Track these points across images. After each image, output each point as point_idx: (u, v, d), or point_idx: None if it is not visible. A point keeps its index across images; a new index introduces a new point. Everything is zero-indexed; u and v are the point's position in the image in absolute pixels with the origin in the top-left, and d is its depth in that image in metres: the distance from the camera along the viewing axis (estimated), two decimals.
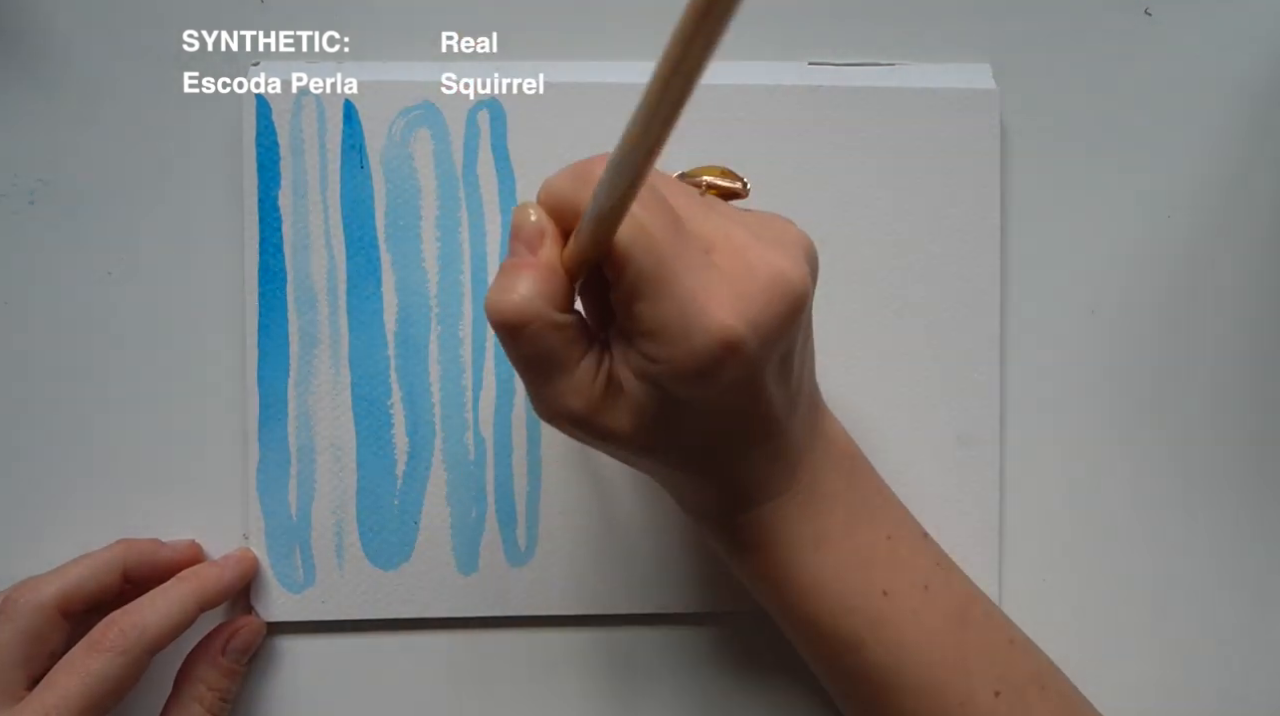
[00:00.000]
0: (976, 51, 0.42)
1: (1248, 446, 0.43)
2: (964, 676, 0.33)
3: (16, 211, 0.40)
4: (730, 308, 0.27)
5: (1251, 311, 0.43)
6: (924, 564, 0.34)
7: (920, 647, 0.32)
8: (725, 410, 0.29)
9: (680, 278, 0.27)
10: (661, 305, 0.27)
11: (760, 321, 0.27)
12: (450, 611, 0.40)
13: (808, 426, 0.32)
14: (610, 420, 0.29)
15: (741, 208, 0.31)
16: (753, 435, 0.30)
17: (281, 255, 0.40)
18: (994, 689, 0.33)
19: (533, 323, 0.27)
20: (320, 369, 0.40)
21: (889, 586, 0.33)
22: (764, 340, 0.27)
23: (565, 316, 0.28)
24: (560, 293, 0.28)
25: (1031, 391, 0.42)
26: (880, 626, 0.32)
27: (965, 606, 0.34)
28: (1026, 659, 0.34)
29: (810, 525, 0.32)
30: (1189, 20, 0.42)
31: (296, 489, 0.40)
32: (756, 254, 0.28)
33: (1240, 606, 0.43)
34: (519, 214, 0.28)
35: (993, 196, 0.41)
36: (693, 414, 0.29)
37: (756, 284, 0.27)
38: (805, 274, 0.28)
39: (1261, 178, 0.43)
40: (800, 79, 0.41)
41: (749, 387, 0.29)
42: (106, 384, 0.40)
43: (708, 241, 0.28)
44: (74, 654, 0.35)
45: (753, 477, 0.31)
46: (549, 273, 0.28)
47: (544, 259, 0.28)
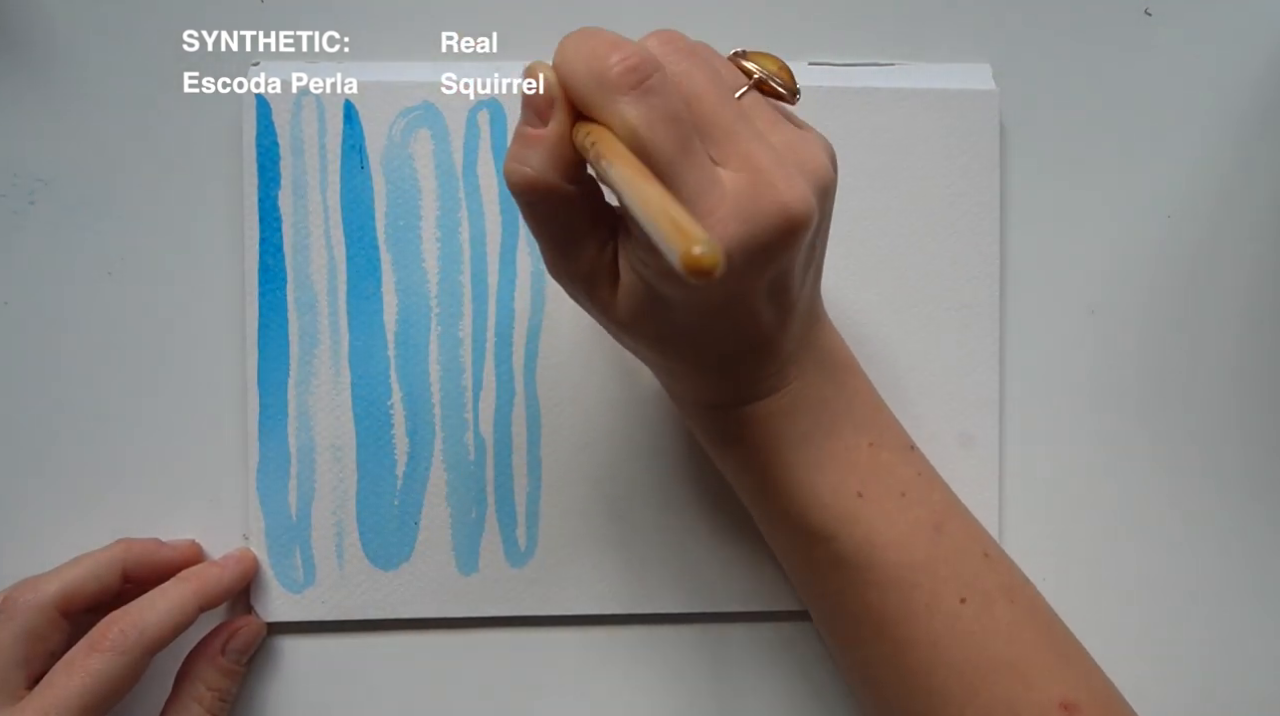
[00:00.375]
0: (976, 52, 0.42)
1: (1248, 446, 0.43)
2: (932, 579, 0.33)
3: (16, 211, 0.40)
4: (726, 227, 0.27)
5: (1251, 311, 0.43)
6: (905, 473, 0.34)
7: (890, 547, 0.33)
8: (713, 317, 0.30)
9: (680, 197, 0.27)
10: None
11: (749, 246, 0.27)
12: (450, 611, 0.40)
13: (803, 336, 0.33)
14: (608, 295, 0.30)
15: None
16: (741, 342, 0.31)
17: (282, 255, 0.40)
18: (960, 595, 0.33)
19: (545, 193, 0.28)
20: (320, 369, 0.40)
21: (864, 489, 0.33)
22: (752, 262, 0.28)
23: (576, 187, 0.29)
24: (571, 164, 0.28)
25: (1031, 391, 0.42)
26: (852, 523, 0.33)
27: (942, 516, 0.34)
28: (999, 571, 0.35)
29: (794, 426, 0.33)
30: (1189, 20, 0.42)
31: (296, 489, 0.40)
32: (765, 180, 0.28)
33: (1241, 606, 0.43)
34: (529, 75, 0.28)
35: (992, 196, 0.41)
36: (682, 313, 0.30)
37: (756, 210, 0.27)
38: (810, 206, 0.28)
39: (1261, 178, 0.43)
40: (800, 79, 0.40)
41: (737, 301, 0.29)
42: (106, 384, 0.40)
43: (724, 151, 0.28)
44: (74, 653, 0.35)
45: (740, 378, 0.32)
46: (558, 146, 0.28)
47: (553, 131, 0.28)
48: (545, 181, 0.28)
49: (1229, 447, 0.43)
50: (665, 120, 0.27)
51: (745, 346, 0.31)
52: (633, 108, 0.26)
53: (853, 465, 0.33)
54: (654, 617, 0.41)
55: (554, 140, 0.28)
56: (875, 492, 0.33)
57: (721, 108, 0.29)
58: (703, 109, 0.28)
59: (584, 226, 0.30)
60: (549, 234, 0.30)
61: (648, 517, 0.40)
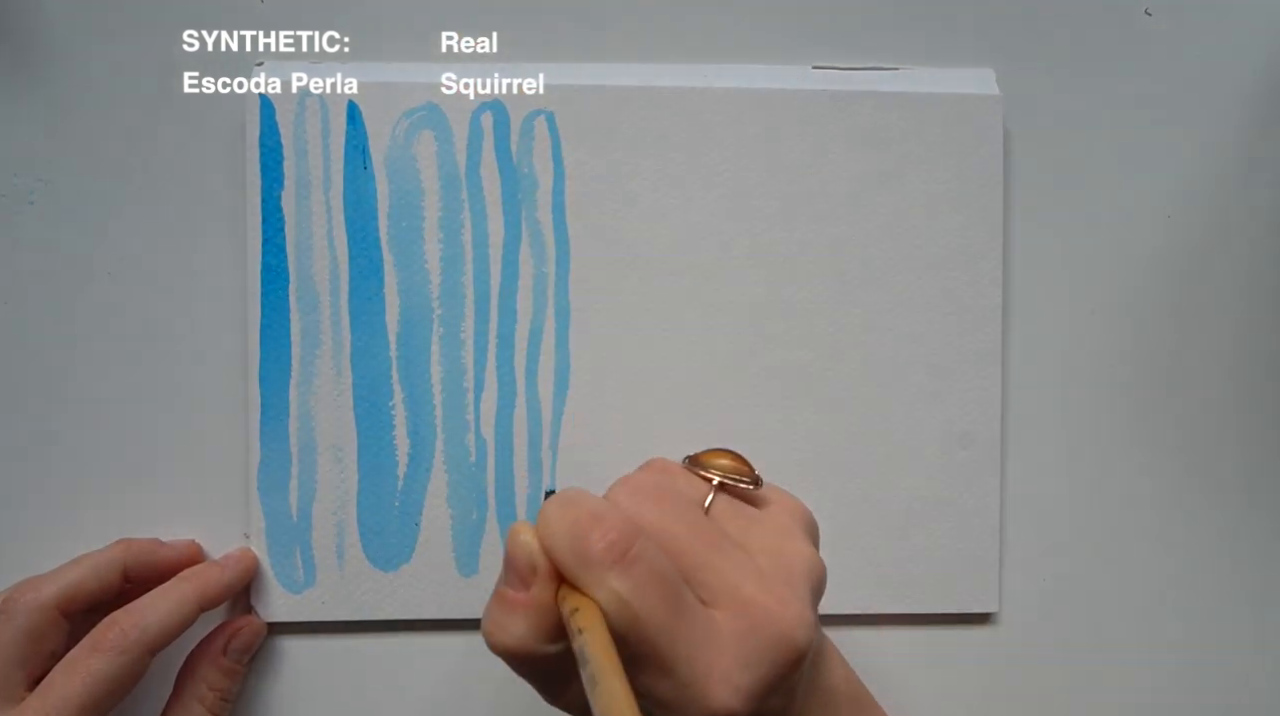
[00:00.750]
0: (980, 57, 0.42)
1: (1248, 446, 0.43)
2: None
3: (16, 211, 0.40)
4: (730, 684, 0.27)
5: (1251, 311, 0.43)
6: None
7: None
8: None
9: (678, 660, 0.27)
10: (661, 684, 0.27)
11: (760, 690, 0.27)
12: (450, 613, 0.40)
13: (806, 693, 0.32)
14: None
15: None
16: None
17: (284, 256, 0.40)
18: None
19: (526, 657, 0.28)
20: (322, 369, 0.40)
21: None
22: (764, 697, 0.28)
23: (560, 645, 0.28)
24: (553, 627, 0.28)
25: (1032, 392, 0.42)
26: None
27: None
28: None
29: None
30: (1189, 20, 0.42)
31: (297, 489, 0.40)
32: (761, 611, 0.28)
33: (1241, 606, 0.43)
34: (512, 540, 0.28)
35: (995, 199, 0.41)
36: None
37: (759, 649, 0.27)
38: (810, 624, 0.28)
39: (1261, 178, 0.43)
40: (804, 83, 0.41)
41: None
42: (107, 384, 0.40)
43: (713, 593, 0.28)
44: (75, 654, 0.35)
45: None
46: (541, 612, 0.27)
47: (535, 598, 0.28)
48: (528, 648, 0.28)
49: (1229, 447, 0.43)
50: (652, 583, 0.27)
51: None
52: (620, 581, 0.26)
53: None
54: None
55: (536, 607, 0.27)
56: None
57: (699, 546, 0.29)
58: (682, 551, 0.28)
59: (571, 672, 0.28)
60: (535, 681, 0.30)
61: None
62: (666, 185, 0.40)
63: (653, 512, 0.29)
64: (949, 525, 0.41)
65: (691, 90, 0.40)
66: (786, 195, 0.40)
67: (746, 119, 0.40)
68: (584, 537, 0.27)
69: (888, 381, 0.41)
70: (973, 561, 0.41)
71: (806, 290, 0.41)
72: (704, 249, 0.40)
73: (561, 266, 0.40)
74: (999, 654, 0.42)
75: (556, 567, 0.27)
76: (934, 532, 0.41)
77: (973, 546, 0.41)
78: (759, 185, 0.40)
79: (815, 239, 0.41)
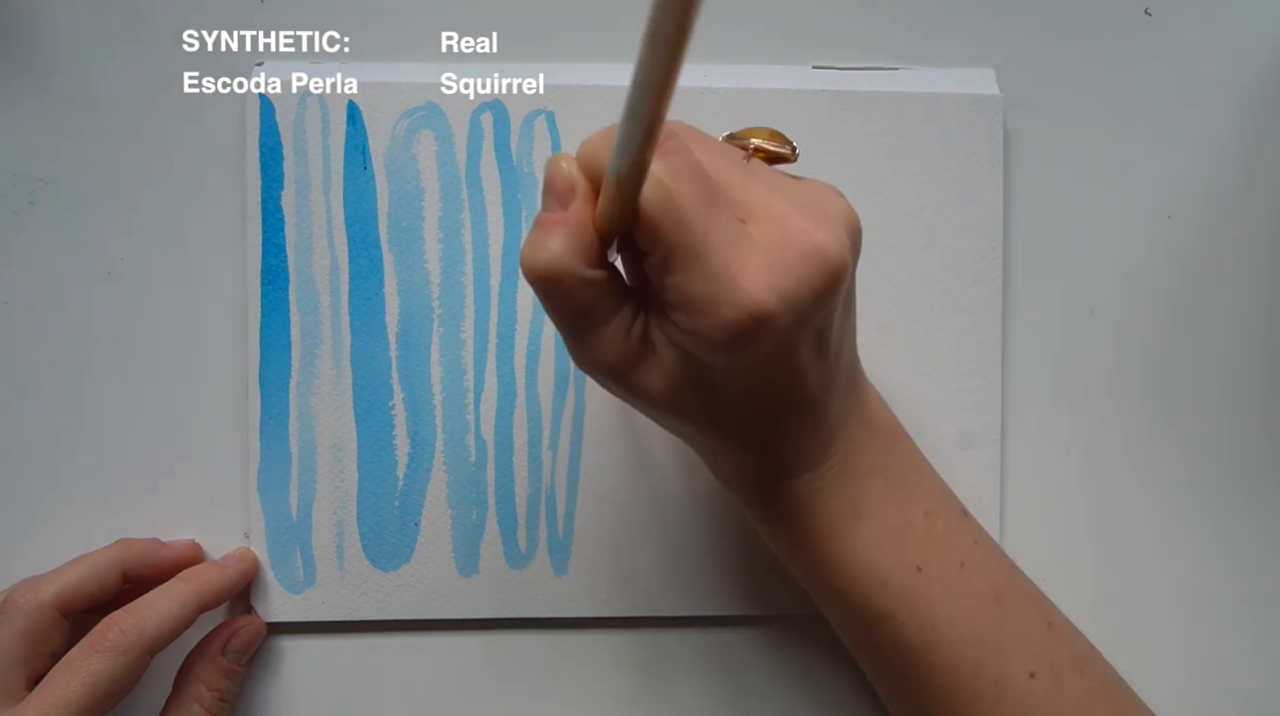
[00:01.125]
0: (980, 57, 0.42)
1: (1248, 446, 0.43)
2: (998, 655, 0.32)
3: (16, 211, 0.40)
4: (762, 280, 0.26)
5: (1252, 311, 0.43)
6: (961, 541, 0.33)
7: (954, 623, 0.32)
8: (758, 382, 0.29)
9: (711, 250, 0.26)
10: (691, 278, 0.26)
11: (793, 295, 0.27)
12: (450, 613, 0.40)
13: (846, 400, 0.32)
14: (642, 378, 0.29)
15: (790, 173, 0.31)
16: (787, 408, 0.30)
17: (284, 256, 0.40)
18: (1029, 669, 0.32)
19: (564, 279, 0.27)
20: (322, 369, 0.40)
21: (923, 562, 0.32)
22: (797, 314, 0.27)
23: (597, 272, 0.28)
24: (591, 249, 0.27)
25: (1032, 391, 0.42)
26: (913, 600, 0.32)
27: (1003, 585, 0.33)
28: (1065, 641, 0.34)
29: (845, 498, 0.32)
30: (1189, 20, 0.42)
31: (297, 489, 0.40)
32: (795, 226, 0.27)
33: (1241, 605, 0.43)
34: (551, 166, 0.28)
35: (995, 200, 0.41)
36: (725, 382, 0.29)
37: (792, 256, 0.27)
38: (844, 247, 0.28)
39: (1261, 178, 0.43)
40: (804, 83, 0.41)
41: (782, 361, 0.28)
42: (106, 384, 0.40)
43: (746, 210, 0.28)
44: (74, 654, 0.35)
45: (787, 449, 0.31)
46: (579, 229, 0.27)
47: (574, 216, 0.27)
48: (564, 265, 0.27)
49: (1229, 447, 0.43)
50: (688, 175, 0.27)
51: (792, 409, 0.30)
52: (657, 163, 0.26)
53: (909, 537, 0.32)
54: (654, 621, 0.41)
55: (575, 223, 0.27)
56: (935, 566, 0.32)
57: (735, 173, 0.28)
58: (718, 173, 0.28)
59: (607, 311, 0.28)
60: (570, 322, 0.29)
61: (649, 521, 0.40)
62: None
63: (692, 144, 0.28)
64: None
65: (691, 90, 0.40)
66: None
67: (746, 119, 0.40)
68: None
69: (888, 381, 0.41)
70: None
71: None
72: None
73: None
74: None
75: (595, 176, 0.27)
76: None
77: None
78: None
79: None
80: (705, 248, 0.26)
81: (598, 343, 0.29)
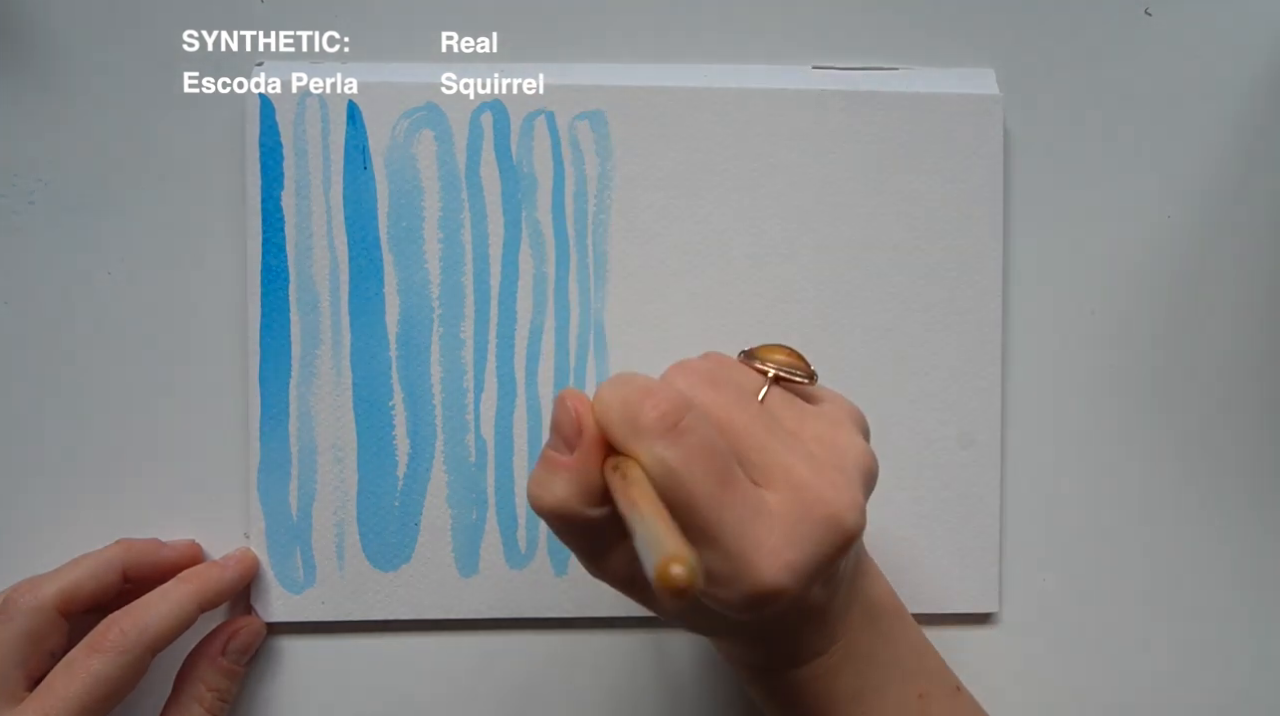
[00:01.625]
0: (980, 57, 0.42)
1: (1248, 446, 0.43)
2: None
3: (16, 211, 0.40)
4: (780, 560, 0.27)
5: (1251, 311, 0.43)
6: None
7: None
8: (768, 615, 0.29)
9: (725, 530, 0.27)
10: (707, 556, 0.27)
11: (808, 568, 0.27)
12: (450, 613, 0.40)
13: (850, 593, 0.33)
14: (650, 597, 0.30)
15: None
16: (793, 620, 0.31)
17: (284, 256, 0.40)
18: None
19: (572, 519, 0.28)
20: (322, 369, 0.40)
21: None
22: (811, 579, 0.28)
23: (603, 510, 0.28)
24: (596, 491, 0.28)
25: (1032, 391, 0.42)
26: None
27: None
28: None
29: (846, 683, 0.33)
30: (1189, 20, 0.42)
31: (297, 489, 0.40)
32: (814, 494, 0.28)
33: (1241, 605, 0.43)
34: (559, 406, 0.29)
35: (995, 200, 0.41)
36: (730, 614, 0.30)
37: (809, 527, 0.27)
38: (860, 509, 0.28)
39: (1261, 178, 0.43)
40: (804, 83, 0.41)
41: (791, 606, 0.29)
42: (106, 384, 0.40)
43: (764, 472, 0.28)
44: (74, 654, 0.35)
45: (793, 644, 0.32)
46: (584, 475, 0.28)
47: (579, 461, 0.28)
48: (569, 509, 0.28)
49: (1229, 447, 0.43)
50: (702, 456, 0.27)
51: (799, 625, 0.31)
52: (668, 450, 0.27)
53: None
54: (654, 621, 0.41)
55: (580, 469, 0.28)
56: None
57: (753, 427, 0.29)
58: (736, 433, 0.28)
59: (614, 539, 0.29)
60: (580, 547, 0.30)
61: None
62: (667, 185, 0.40)
63: (707, 394, 0.29)
64: (949, 525, 0.41)
65: (691, 90, 0.40)
66: (786, 195, 0.40)
67: (746, 119, 0.40)
68: (635, 408, 0.27)
69: (888, 381, 0.41)
70: (973, 561, 0.41)
71: (806, 290, 0.41)
72: (703, 249, 0.40)
73: (561, 266, 0.40)
74: (999, 654, 0.42)
75: (607, 437, 0.28)
76: (934, 533, 0.41)
77: (973, 546, 0.41)
78: (758, 185, 0.40)
79: (815, 238, 0.41)
80: (719, 528, 0.27)
81: (607, 563, 0.30)
